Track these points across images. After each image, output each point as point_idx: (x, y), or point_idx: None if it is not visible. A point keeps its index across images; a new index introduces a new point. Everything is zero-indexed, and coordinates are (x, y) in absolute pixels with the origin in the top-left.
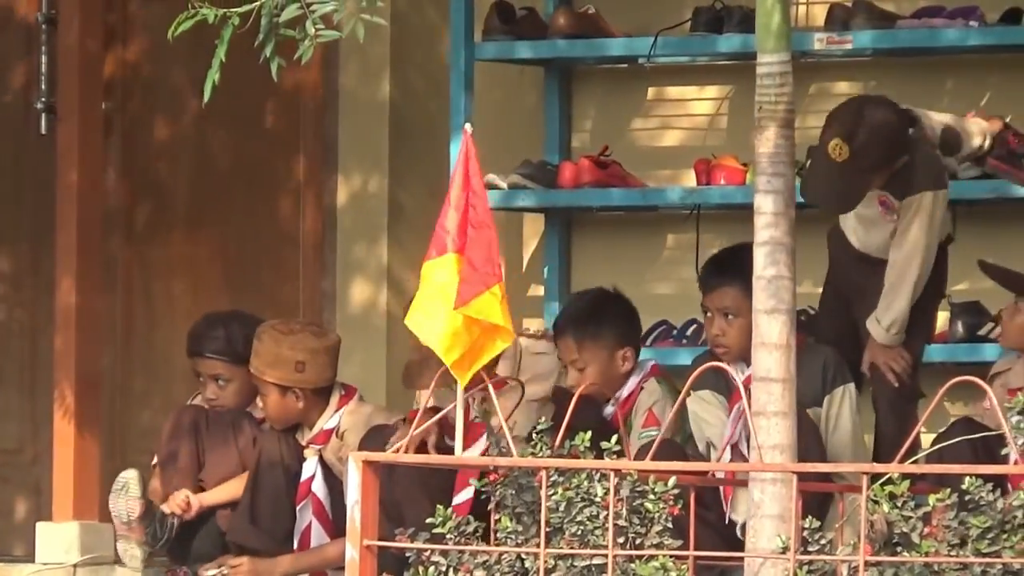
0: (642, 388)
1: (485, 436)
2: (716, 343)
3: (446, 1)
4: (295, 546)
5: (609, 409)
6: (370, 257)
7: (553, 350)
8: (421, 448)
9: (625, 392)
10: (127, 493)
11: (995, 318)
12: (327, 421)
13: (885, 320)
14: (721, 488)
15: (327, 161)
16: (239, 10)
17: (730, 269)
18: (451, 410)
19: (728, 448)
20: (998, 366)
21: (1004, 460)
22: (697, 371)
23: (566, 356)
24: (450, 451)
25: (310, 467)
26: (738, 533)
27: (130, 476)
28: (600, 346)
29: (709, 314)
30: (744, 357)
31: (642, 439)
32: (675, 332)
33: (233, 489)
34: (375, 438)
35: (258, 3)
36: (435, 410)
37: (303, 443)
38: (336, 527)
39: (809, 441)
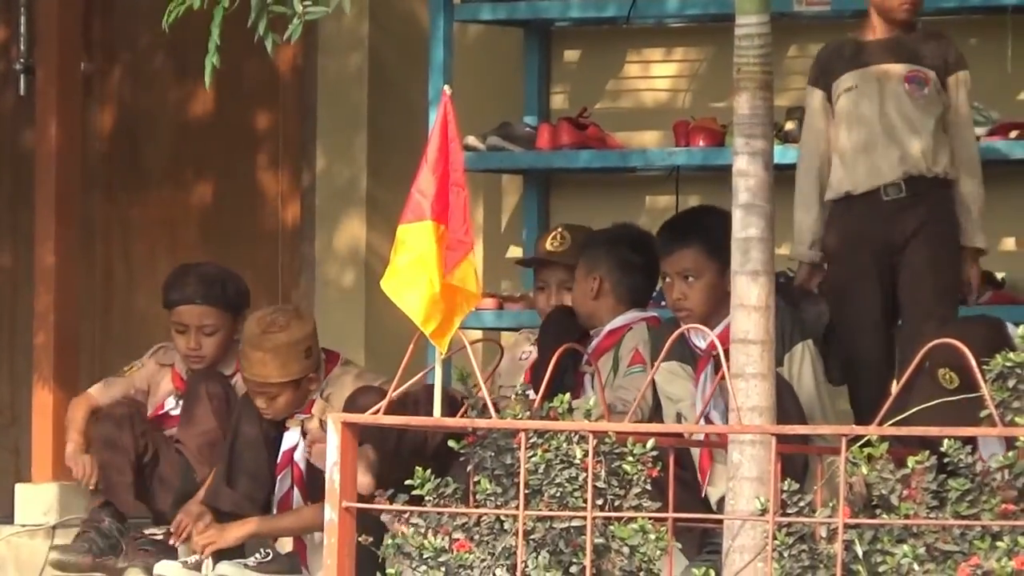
0: (631, 328)
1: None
2: (678, 307)
3: None
4: (274, 512)
5: (593, 341)
6: (350, 219)
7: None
8: None
9: (609, 327)
10: None
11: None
12: (314, 392)
13: (978, 208)
14: (697, 461)
15: (306, 122)
16: None
17: (687, 231)
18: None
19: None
20: None
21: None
22: (671, 340)
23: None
24: None
25: (292, 437)
26: (713, 507)
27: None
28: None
29: (668, 279)
30: (706, 321)
31: (629, 374)
32: (654, 293)
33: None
34: (359, 400)
35: None
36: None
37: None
38: (314, 498)
39: (787, 402)
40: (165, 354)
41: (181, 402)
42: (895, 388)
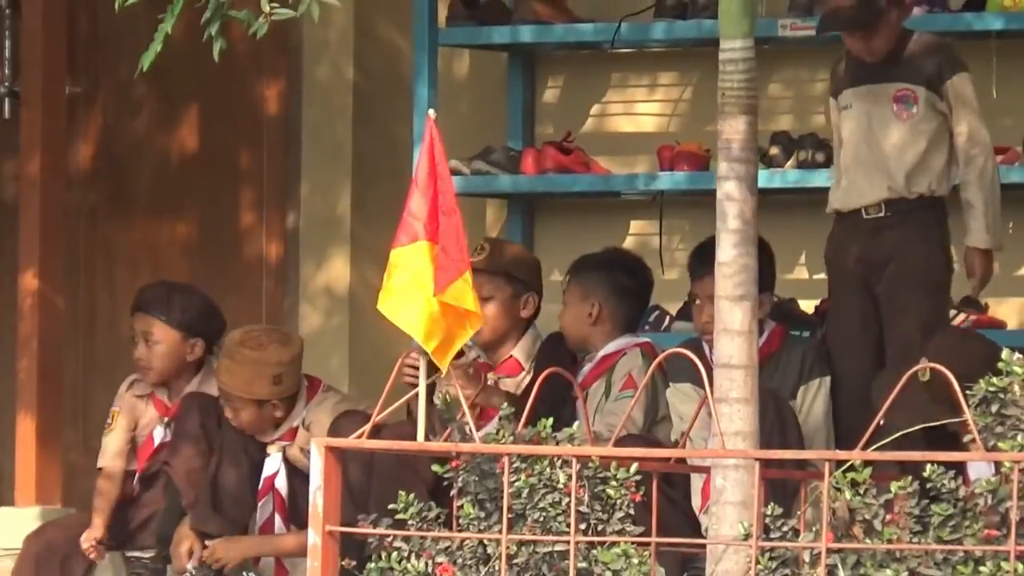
0: (625, 353)
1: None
2: (706, 330)
3: None
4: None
5: (586, 367)
6: (334, 244)
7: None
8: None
9: (603, 352)
10: None
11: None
12: (295, 418)
13: (986, 222)
14: (699, 487)
15: (291, 148)
16: None
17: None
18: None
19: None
20: None
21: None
22: (663, 355)
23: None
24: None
25: (273, 464)
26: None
27: None
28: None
29: (698, 301)
30: None
31: (619, 399)
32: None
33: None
34: (345, 425)
35: None
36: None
37: (268, 440)
38: (296, 524)
39: (789, 433)
40: (138, 385)
41: (171, 427)
42: (883, 405)
